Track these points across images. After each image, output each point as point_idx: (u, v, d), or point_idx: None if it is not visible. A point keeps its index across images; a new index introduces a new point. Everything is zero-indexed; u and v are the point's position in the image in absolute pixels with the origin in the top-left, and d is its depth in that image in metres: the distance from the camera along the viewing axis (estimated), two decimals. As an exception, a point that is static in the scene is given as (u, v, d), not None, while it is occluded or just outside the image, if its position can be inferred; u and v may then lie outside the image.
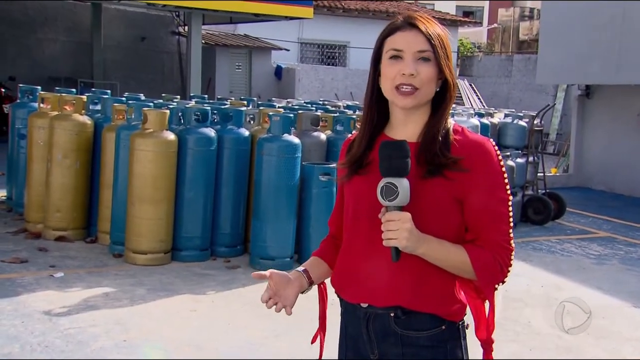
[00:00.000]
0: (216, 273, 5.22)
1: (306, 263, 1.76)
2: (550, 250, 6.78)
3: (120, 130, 5.57)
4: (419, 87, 1.55)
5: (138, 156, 5.22)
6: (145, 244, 5.26)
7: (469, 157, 1.55)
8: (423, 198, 1.54)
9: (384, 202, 1.49)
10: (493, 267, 1.56)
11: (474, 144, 1.57)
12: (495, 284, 1.57)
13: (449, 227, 1.57)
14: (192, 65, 12.42)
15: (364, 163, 1.62)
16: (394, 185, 1.48)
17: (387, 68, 1.57)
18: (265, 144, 5.36)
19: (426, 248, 1.52)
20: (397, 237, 1.48)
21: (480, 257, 1.55)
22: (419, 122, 1.61)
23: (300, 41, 18.77)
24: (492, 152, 1.57)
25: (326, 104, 9.36)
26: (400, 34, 1.56)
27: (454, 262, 1.55)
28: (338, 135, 6.09)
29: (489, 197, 1.56)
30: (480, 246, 1.57)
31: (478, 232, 1.58)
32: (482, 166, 1.55)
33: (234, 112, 5.83)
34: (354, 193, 1.63)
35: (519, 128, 8.19)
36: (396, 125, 1.63)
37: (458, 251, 1.55)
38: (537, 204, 7.98)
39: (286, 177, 5.30)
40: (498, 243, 1.57)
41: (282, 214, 5.33)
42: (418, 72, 1.54)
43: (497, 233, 1.57)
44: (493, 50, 25.54)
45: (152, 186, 5.22)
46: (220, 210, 5.65)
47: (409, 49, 1.55)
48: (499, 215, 1.57)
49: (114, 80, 14.81)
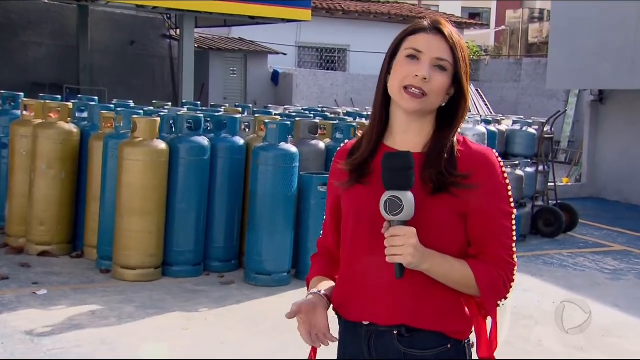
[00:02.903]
0: (209, 289, 5.21)
1: (315, 285, 1.71)
2: (562, 265, 6.78)
3: (108, 139, 5.58)
4: (428, 94, 1.56)
5: (127, 166, 5.23)
6: (135, 258, 5.26)
7: (474, 171, 1.56)
8: (427, 212, 1.55)
9: (388, 216, 1.50)
10: (497, 282, 1.57)
11: (478, 156, 1.59)
12: (498, 299, 1.59)
13: (453, 242, 1.59)
14: (184, 71, 12.45)
15: (365, 171, 1.63)
16: (399, 199, 1.48)
17: (401, 66, 1.58)
18: (261, 153, 5.37)
19: (431, 264, 1.53)
20: (401, 253, 1.49)
21: (484, 272, 1.56)
22: (421, 132, 1.62)
23: (298, 45, 18.83)
24: (495, 164, 1.59)
25: (325, 110, 9.38)
26: (424, 35, 1.58)
27: (458, 278, 1.56)
28: (338, 143, 6.10)
29: (492, 211, 1.57)
30: (483, 261, 1.58)
31: (481, 246, 1.59)
32: (487, 179, 1.57)
33: (228, 120, 5.84)
34: (355, 203, 1.63)
35: (528, 136, 8.21)
36: (396, 131, 1.63)
37: (462, 266, 1.56)
38: (547, 215, 7.99)
39: (283, 188, 5.31)
40: (501, 258, 1.59)
41: (278, 227, 5.33)
42: (431, 79, 1.55)
43: (501, 247, 1.59)
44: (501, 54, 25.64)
45: (141, 197, 5.22)
46: (214, 222, 5.64)
47: (428, 53, 1.56)
48: (503, 229, 1.59)
49: (102, 86, 14.84)
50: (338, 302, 1.67)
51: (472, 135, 7.33)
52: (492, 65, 21.04)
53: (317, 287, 1.69)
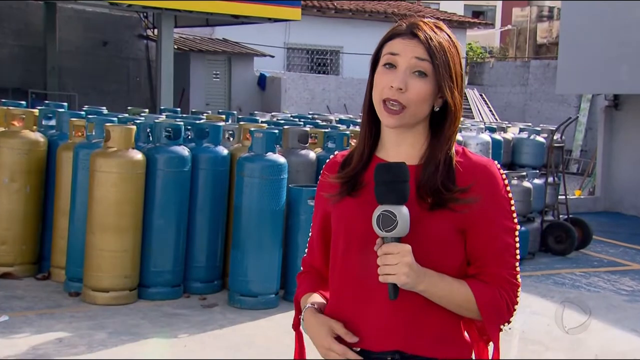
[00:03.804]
0: (189, 313, 5.21)
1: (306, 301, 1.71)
2: (575, 285, 6.81)
3: (79, 149, 5.58)
4: (406, 106, 1.56)
5: (99, 179, 5.23)
6: (107, 280, 5.25)
7: (474, 184, 1.57)
8: (424, 228, 1.56)
9: (381, 232, 1.51)
10: (499, 305, 1.58)
11: (478, 168, 1.60)
12: (501, 323, 1.60)
13: (452, 260, 1.60)
14: (162, 74, 12.47)
15: (357, 184, 1.64)
16: (392, 214, 1.49)
17: (379, 77, 1.60)
18: (246, 164, 5.39)
19: (427, 284, 1.54)
20: (395, 273, 1.50)
21: (485, 294, 1.57)
22: (414, 144, 1.63)
23: (286, 46, 18.92)
24: (497, 177, 1.61)
25: (316, 117, 9.42)
26: (399, 40, 1.59)
27: (457, 300, 1.57)
28: (329, 153, 6.12)
29: (494, 227, 1.59)
30: (484, 281, 1.59)
31: (482, 265, 1.60)
32: (488, 193, 1.58)
33: (210, 128, 5.86)
34: (345, 218, 1.64)
35: (536, 144, 8.27)
36: (388, 144, 1.65)
37: (461, 287, 1.57)
38: (558, 231, 8.03)
39: (270, 202, 5.32)
40: (504, 278, 1.60)
41: (265, 244, 5.34)
42: (408, 88, 1.56)
43: (503, 267, 1.60)
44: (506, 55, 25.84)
45: (115, 213, 5.22)
46: (195, 240, 5.65)
47: (404, 60, 1.57)
48: (505, 246, 1.60)
49: (71, 91, 14.84)
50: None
51: (475, 144, 7.37)
52: (497, 67, 21.19)
53: (308, 302, 1.70)
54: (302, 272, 1.82)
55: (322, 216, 1.74)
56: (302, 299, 1.75)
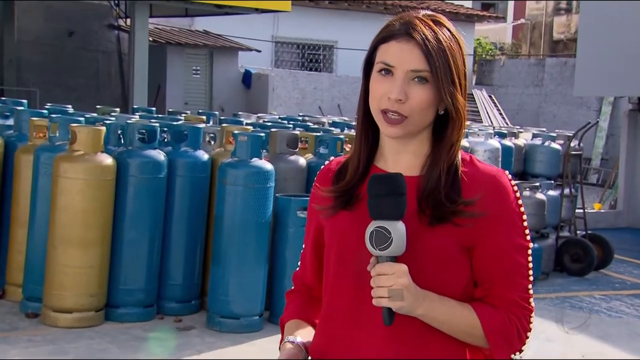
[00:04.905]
0: (164, 337, 5.19)
1: (292, 331, 1.72)
2: (594, 310, 6.83)
3: (40, 153, 5.57)
4: (408, 116, 1.57)
5: (64, 185, 5.23)
6: (71, 299, 5.23)
7: (482, 196, 1.57)
8: (423, 246, 1.57)
9: (374, 250, 1.52)
10: (509, 331, 1.58)
11: (487, 178, 1.61)
12: (511, 352, 1.60)
13: (455, 282, 1.60)
14: (135, 69, 12.47)
15: (353, 197, 1.65)
16: (387, 230, 1.50)
17: (375, 84, 1.61)
18: (229, 170, 5.40)
19: (426, 308, 1.54)
20: (390, 296, 1.50)
21: (493, 319, 1.58)
22: (417, 152, 1.64)
23: (275, 40, 18.97)
24: (507, 188, 1.61)
25: (307, 120, 9.45)
26: (394, 44, 1.59)
27: (461, 326, 1.57)
28: (321, 159, 6.14)
29: (504, 245, 1.59)
30: (492, 305, 1.60)
31: (490, 287, 1.61)
32: (497, 206, 1.59)
33: (189, 130, 5.87)
34: (338, 234, 1.66)
35: (551, 152, 8.31)
36: (388, 153, 1.66)
37: (465, 312, 1.58)
38: (575, 249, 8.06)
39: (255, 213, 5.33)
40: (514, 302, 1.60)
41: (249, 260, 5.35)
42: (408, 97, 1.56)
43: (514, 289, 1.60)
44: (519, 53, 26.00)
45: (81, 224, 5.22)
46: (170, 255, 5.64)
47: (401, 66, 1.58)
48: (516, 266, 1.60)
49: (32, 87, 14.80)
50: (317, 354, 1.68)
51: (483, 151, 7.41)
52: (509, 66, 21.30)
53: (294, 334, 1.70)
54: (292, 291, 1.83)
55: (316, 228, 1.75)
56: (287, 325, 1.75)
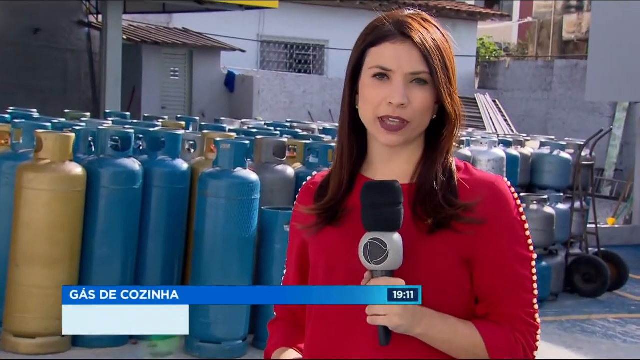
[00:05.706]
0: (137, 364, 5.18)
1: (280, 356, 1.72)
2: (607, 334, 6.83)
3: (2, 161, 5.56)
4: (410, 120, 1.60)
5: (28, 197, 5.21)
6: (34, 323, 5.20)
7: (480, 204, 1.59)
8: (421, 256, 1.58)
9: (369, 265, 1.53)
10: (514, 350, 1.60)
11: (484, 185, 1.63)
12: None
13: (456, 297, 1.61)
14: (108, 70, 12.46)
15: (338, 212, 1.66)
16: (382, 242, 1.51)
17: (369, 90, 1.62)
18: (210, 181, 5.40)
19: (426, 326, 1.55)
20: (386, 313, 1.51)
21: (497, 337, 1.59)
22: (410, 159, 1.66)
23: (260, 39, 19.00)
24: (507, 196, 1.63)
25: (295, 126, 9.46)
26: (388, 46, 1.61)
27: (462, 345, 1.58)
28: (311, 169, 6.14)
29: (505, 256, 1.61)
30: (496, 322, 1.61)
31: (492, 303, 1.62)
32: (496, 214, 1.61)
33: (167, 137, 5.86)
34: (326, 250, 1.66)
35: (560, 162, 8.33)
36: (377, 161, 1.68)
37: (467, 330, 1.59)
38: (587, 267, 8.06)
39: (239, 227, 5.32)
40: (519, 318, 1.61)
41: (232, 278, 5.33)
42: (410, 101, 1.59)
43: (518, 305, 1.61)
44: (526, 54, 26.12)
45: (47, 240, 5.19)
46: (146, 273, 5.63)
47: (400, 69, 1.60)
48: (520, 280, 1.62)
49: (-6, 90, 14.76)
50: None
51: (487, 161, 7.42)
52: (515, 68, 21.37)
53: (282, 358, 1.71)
54: (275, 320, 1.83)
55: (299, 248, 1.76)
56: (273, 354, 1.75)
